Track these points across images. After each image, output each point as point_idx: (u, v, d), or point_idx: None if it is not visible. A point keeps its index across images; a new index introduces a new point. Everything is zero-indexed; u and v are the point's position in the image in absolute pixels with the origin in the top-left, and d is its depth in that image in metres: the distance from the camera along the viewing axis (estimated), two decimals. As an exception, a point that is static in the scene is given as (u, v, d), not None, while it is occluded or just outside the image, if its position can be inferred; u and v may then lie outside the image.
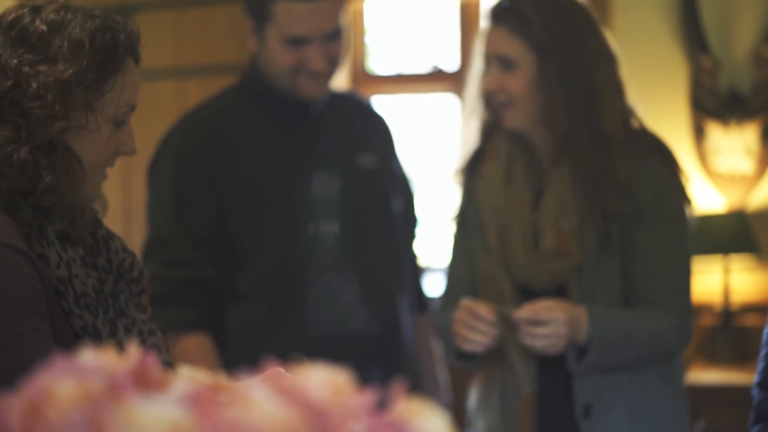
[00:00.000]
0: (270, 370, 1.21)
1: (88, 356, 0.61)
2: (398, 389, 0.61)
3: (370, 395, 0.61)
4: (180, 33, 3.86)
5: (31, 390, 0.58)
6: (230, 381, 0.62)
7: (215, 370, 2.17)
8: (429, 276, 2.86)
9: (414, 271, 2.46)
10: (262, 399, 0.58)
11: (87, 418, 0.57)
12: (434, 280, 3.06)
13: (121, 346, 1.39)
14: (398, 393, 0.61)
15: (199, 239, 2.22)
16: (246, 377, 0.68)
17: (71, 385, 0.58)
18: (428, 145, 3.96)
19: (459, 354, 2.03)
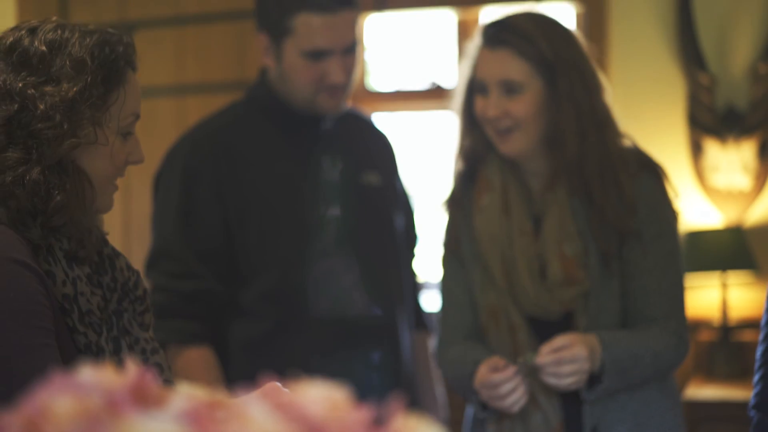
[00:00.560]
0: (268, 386, 1.21)
1: (87, 373, 0.61)
2: (396, 405, 0.61)
3: (368, 411, 0.61)
4: (180, 51, 3.87)
5: (30, 407, 0.59)
6: (228, 397, 0.62)
7: (217, 383, 2.17)
8: (426, 292, 2.87)
9: (413, 289, 2.47)
10: (260, 415, 0.58)
11: (86, 435, 0.57)
12: (431, 296, 3.07)
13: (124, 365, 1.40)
14: (396, 409, 0.61)
15: (205, 252, 2.22)
16: (244, 393, 0.68)
17: (69, 402, 0.58)
18: (427, 162, 3.96)
19: (484, 406, 1.96)
